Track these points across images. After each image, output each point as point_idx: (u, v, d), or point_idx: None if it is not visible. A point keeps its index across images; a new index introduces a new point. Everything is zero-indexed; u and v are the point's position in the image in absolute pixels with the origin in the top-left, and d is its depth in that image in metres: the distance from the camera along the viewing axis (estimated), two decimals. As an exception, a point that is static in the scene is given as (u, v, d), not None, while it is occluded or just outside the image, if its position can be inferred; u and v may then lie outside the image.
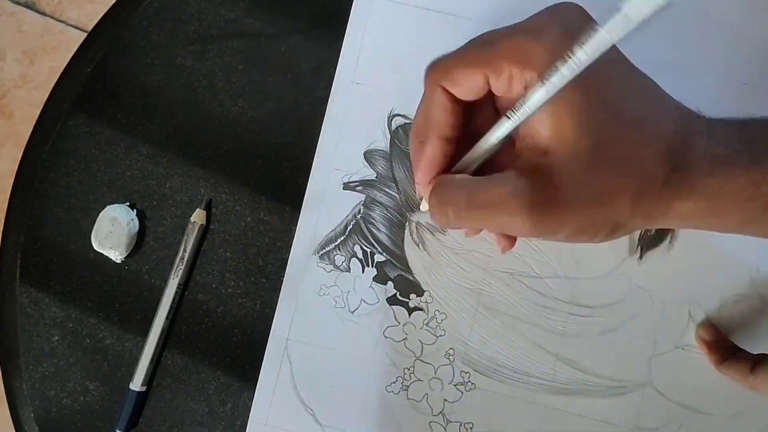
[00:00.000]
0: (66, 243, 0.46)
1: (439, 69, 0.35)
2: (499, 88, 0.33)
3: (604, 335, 0.43)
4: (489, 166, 0.35)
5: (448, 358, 0.43)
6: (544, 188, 0.31)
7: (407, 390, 0.43)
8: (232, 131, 0.46)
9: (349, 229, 0.44)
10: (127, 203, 0.46)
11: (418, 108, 0.37)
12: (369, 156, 0.45)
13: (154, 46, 0.47)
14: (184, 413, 0.45)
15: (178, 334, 0.45)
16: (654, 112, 0.32)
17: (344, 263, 0.44)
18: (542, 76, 0.30)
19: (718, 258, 0.43)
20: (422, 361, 0.43)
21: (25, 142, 0.47)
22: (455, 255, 0.44)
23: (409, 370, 0.43)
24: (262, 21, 0.47)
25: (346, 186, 0.45)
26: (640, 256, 0.43)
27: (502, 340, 0.43)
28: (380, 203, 0.44)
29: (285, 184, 0.46)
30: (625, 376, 0.43)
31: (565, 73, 0.29)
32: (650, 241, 0.43)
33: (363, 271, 0.44)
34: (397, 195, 0.44)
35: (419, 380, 0.43)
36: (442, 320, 0.44)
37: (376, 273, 0.44)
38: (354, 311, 0.44)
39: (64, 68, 0.47)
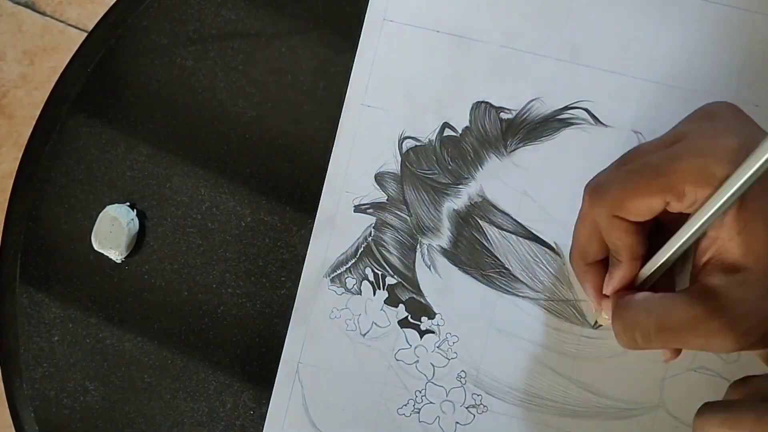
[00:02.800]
0: (66, 243, 0.46)
1: (609, 200, 0.34)
2: (680, 209, 0.33)
3: (616, 357, 0.43)
4: (661, 283, 0.35)
5: (460, 381, 0.43)
6: (740, 305, 0.31)
7: (419, 413, 0.43)
8: (232, 131, 0.46)
9: (360, 251, 0.44)
10: (127, 203, 0.46)
11: (578, 228, 0.37)
12: (380, 178, 0.45)
13: (154, 46, 0.47)
14: (184, 413, 0.45)
15: (178, 335, 0.45)
16: None
17: (355, 286, 0.44)
18: (725, 180, 0.30)
19: None
20: (434, 384, 0.43)
21: (25, 142, 0.47)
22: (467, 277, 0.44)
23: (420, 392, 0.43)
24: (262, 21, 0.47)
25: (357, 209, 0.45)
26: None
27: (514, 363, 0.43)
28: (391, 226, 0.44)
29: (285, 184, 0.46)
30: (637, 399, 0.42)
31: (750, 175, 0.29)
32: None
33: (374, 294, 0.44)
34: (408, 217, 0.44)
35: (431, 403, 0.43)
36: (453, 343, 0.43)
37: (387, 296, 0.44)
38: (365, 334, 0.44)
39: (64, 68, 0.47)
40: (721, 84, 0.43)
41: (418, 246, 0.44)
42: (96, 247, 0.45)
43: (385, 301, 0.44)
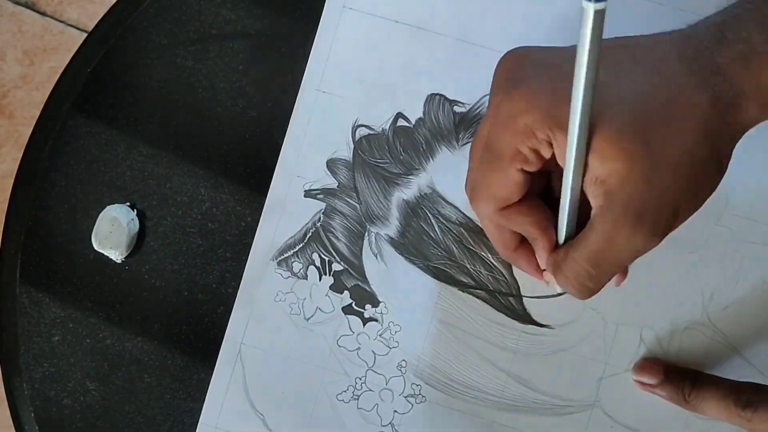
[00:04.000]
0: (66, 243, 0.46)
1: (485, 202, 0.36)
2: (558, 156, 0.34)
3: (555, 354, 0.43)
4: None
5: (400, 370, 0.43)
6: (629, 211, 0.32)
7: (358, 399, 0.43)
8: (232, 131, 0.46)
9: (308, 236, 0.44)
10: (127, 203, 0.46)
11: (485, 227, 0.38)
12: (331, 165, 0.45)
13: (154, 46, 0.47)
14: (184, 413, 0.45)
15: (178, 335, 0.45)
16: (672, 88, 0.32)
17: (302, 270, 0.44)
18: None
19: (672, 284, 0.43)
20: (374, 372, 0.43)
21: (25, 142, 0.47)
22: (412, 267, 0.44)
23: (360, 379, 0.43)
24: (262, 21, 0.47)
25: (308, 193, 0.45)
26: None
27: (454, 355, 0.43)
28: (340, 212, 0.44)
29: (285, 184, 0.45)
30: (574, 396, 0.43)
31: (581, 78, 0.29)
32: None
33: (320, 279, 0.44)
34: (357, 205, 0.44)
35: (370, 390, 0.43)
36: (396, 332, 0.44)
37: (332, 282, 0.44)
38: (309, 319, 0.44)
39: (65, 68, 0.47)
40: None
41: (366, 234, 0.44)
42: (96, 247, 0.45)
43: (330, 287, 0.44)
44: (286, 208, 0.45)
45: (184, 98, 0.46)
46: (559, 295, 0.41)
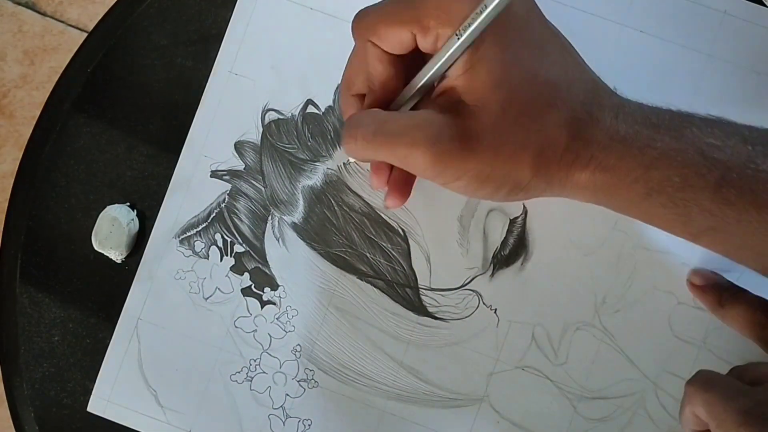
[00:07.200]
0: (66, 243, 0.46)
1: (365, 24, 0.35)
2: (426, 46, 0.34)
3: (448, 348, 0.43)
4: None
5: (295, 354, 0.44)
6: (449, 128, 0.33)
7: (251, 381, 0.44)
8: (232, 131, 0.46)
9: (212, 216, 0.45)
10: (127, 203, 0.46)
11: (349, 61, 0.37)
12: (239, 147, 0.45)
13: (154, 47, 0.47)
14: (184, 413, 0.44)
15: (178, 334, 0.45)
16: (568, 79, 0.34)
17: (203, 250, 0.45)
18: (462, 24, 0.32)
19: (567, 284, 0.43)
20: (269, 354, 0.44)
21: (26, 142, 0.47)
22: (313, 253, 0.44)
23: (255, 361, 0.44)
24: (262, 21, 0.47)
25: (214, 174, 0.45)
26: (492, 274, 0.43)
27: (348, 342, 0.44)
28: (245, 195, 0.45)
29: (285, 184, 0.45)
30: (464, 390, 0.43)
31: (483, 19, 0.31)
32: (503, 260, 0.43)
33: (221, 260, 0.44)
34: (263, 188, 0.45)
35: (264, 372, 0.44)
36: (293, 316, 0.44)
37: (233, 263, 0.44)
38: (208, 298, 0.44)
39: (65, 68, 0.47)
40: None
41: (270, 217, 0.44)
42: (96, 247, 0.45)
43: (231, 268, 0.44)
44: (192, 187, 0.45)
45: (184, 98, 0.46)
46: (456, 289, 0.42)
